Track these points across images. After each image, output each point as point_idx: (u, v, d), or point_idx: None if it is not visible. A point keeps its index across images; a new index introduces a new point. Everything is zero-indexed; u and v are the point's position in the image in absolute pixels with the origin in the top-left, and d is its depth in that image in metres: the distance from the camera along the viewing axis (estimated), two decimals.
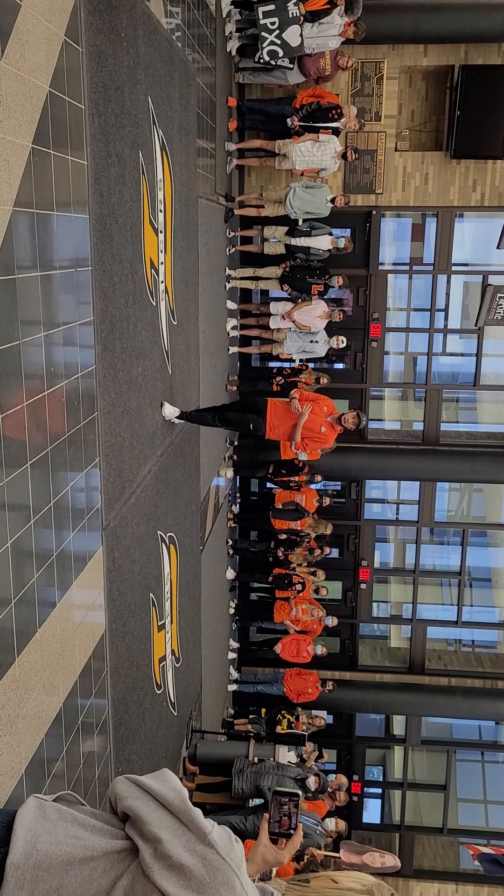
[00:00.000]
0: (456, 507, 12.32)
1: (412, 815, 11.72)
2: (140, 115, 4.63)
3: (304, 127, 8.44)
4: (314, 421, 6.44)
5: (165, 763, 6.01)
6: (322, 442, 6.56)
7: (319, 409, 6.47)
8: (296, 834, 1.46)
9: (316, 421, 6.45)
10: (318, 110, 8.42)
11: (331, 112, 8.42)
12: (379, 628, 12.36)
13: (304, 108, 8.44)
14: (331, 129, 8.44)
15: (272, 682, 9.79)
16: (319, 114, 8.43)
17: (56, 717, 3.51)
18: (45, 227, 3.20)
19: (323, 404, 6.50)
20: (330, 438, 6.55)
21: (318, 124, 8.43)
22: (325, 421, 6.46)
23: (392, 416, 11.70)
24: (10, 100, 2.82)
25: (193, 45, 6.48)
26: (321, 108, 8.43)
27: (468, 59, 9.49)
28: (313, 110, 8.42)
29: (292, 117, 8.42)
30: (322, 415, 6.47)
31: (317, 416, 6.45)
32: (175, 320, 5.86)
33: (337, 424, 6.47)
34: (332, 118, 8.42)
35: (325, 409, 6.49)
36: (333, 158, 8.57)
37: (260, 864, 1.66)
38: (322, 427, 6.46)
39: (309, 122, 8.45)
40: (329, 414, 6.48)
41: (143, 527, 5.09)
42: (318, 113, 8.43)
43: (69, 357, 3.57)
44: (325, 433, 6.47)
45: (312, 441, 6.52)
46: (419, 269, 10.67)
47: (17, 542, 3.00)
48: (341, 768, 11.21)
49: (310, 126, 8.44)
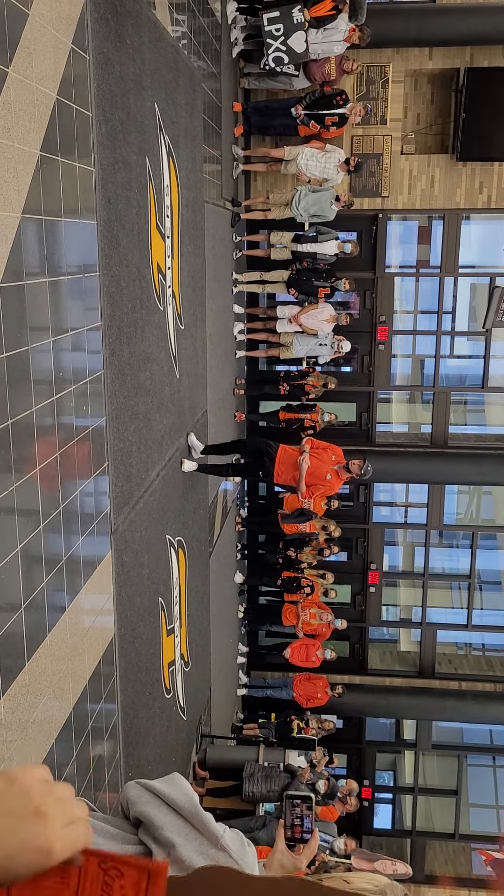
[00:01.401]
0: (465, 510, 12.27)
1: (423, 821, 11.67)
2: (146, 121, 4.65)
3: (308, 115, 8.43)
4: (320, 468, 6.69)
5: (175, 768, 6.00)
6: (327, 489, 6.82)
7: (328, 457, 6.75)
8: (312, 838, 1.45)
9: (322, 468, 6.69)
10: (323, 97, 8.43)
11: (335, 98, 8.42)
12: (388, 632, 12.33)
13: (308, 97, 8.45)
14: (337, 116, 8.44)
15: (281, 686, 9.77)
16: (324, 101, 8.43)
17: (66, 722, 3.52)
18: (53, 234, 3.22)
19: (331, 453, 6.79)
20: (335, 486, 6.83)
21: (323, 112, 8.43)
22: (331, 469, 6.71)
23: (400, 419, 11.68)
24: (19, 108, 2.84)
25: (199, 52, 6.50)
26: (325, 95, 8.44)
27: (473, 61, 9.49)
28: (318, 98, 8.43)
29: (296, 106, 8.42)
30: (329, 462, 6.73)
31: (323, 464, 6.71)
32: (182, 324, 5.88)
33: (343, 472, 6.73)
34: (337, 104, 8.42)
35: (334, 457, 6.77)
36: (336, 168, 8.59)
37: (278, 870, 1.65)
38: (328, 474, 6.71)
39: (314, 111, 8.45)
40: (337, 462, 6.75)
41: (152, 531, 5.10)
42: (323, 100, 8.43)
43: (77, 362, 3.58)
44: (331, 480, 6.73)
45: (317, 487, 6.76)
46: (426, 272, 10.66)
47: (26, 546, 3.01)
48: (351, 773, 11.17)
49: (315, 114, 8.43)
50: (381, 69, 9.61)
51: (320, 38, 8.05)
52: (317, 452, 6.79)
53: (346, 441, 10.43)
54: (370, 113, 8.81)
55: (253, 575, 9.93)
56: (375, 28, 8.33)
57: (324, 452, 6.77)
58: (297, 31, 7.83)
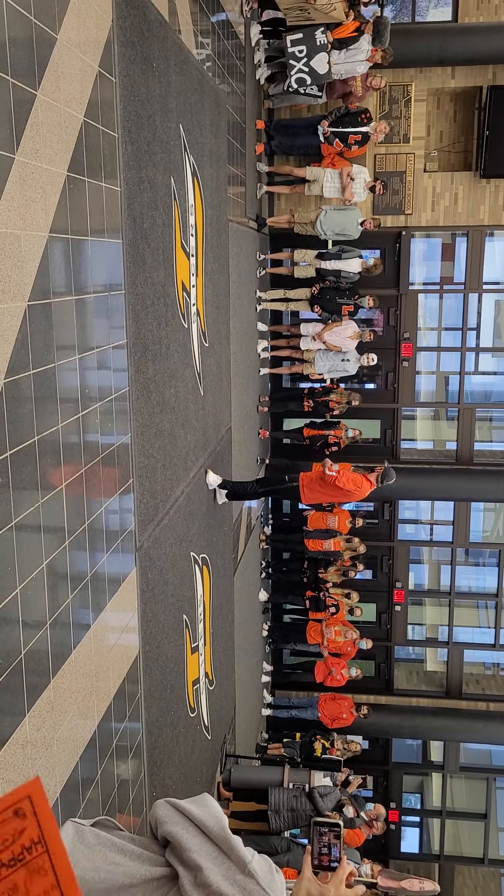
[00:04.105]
0: (491, 528, 12.13)
1: (452, 845, 11.45)
2: (172, 142, 4.70)
3: (334, 133, 8.49)
4: (347, 476, 6.80)
5: (200, 788, 5.95)
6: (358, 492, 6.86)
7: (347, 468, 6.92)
8: (340, 866, 1.41)
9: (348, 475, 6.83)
10: (347, 115, 8.48)
11: (360, 116, 8.47)
12: (414, 651, 12.17)
13: (333, 113, 8.50)
14: (360, 135, 8.48)
15: (306, 706, 9.68)
16: (349, 118, 8.48)
17: (90, 740, 3.50)
18: (79, 253, 3.26)
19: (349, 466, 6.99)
20: (364, 488, 6.85)
21: (347, 129, 8.48)
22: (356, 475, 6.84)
23: (425, 436, 11.61)
24: (47, 130, 2.89)
25: (223, 74, 6.58)
26: (350, 112, 8.49)
27: (496, 79, 9.50)
28: (342, 115, 8.48)
29: (322, 122, 8.48)
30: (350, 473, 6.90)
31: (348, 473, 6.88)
32: (207, 342, 5.90)
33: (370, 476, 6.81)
34: (361, 122, 8.47)
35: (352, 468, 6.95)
36: (364, 188, 8.63)
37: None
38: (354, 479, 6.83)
39: (338, 128, 8.50)
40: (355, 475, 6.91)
41: (176, 548, 5.09)
42: (347, 118, 8.48)
43: (103, 380, 3.61)
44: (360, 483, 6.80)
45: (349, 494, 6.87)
46: (450, 289, 10.63)
47: (51, 563, 3.02)
48: (377, 795, 11.01)
49: (340, 132, 8.49)
50: (404, 88, 9.65)
51: (343, 58, 8.11)
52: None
53: (371, 458, 10.40)
54: (392, 129, 8.86)
55: (277, 593, 9.88)
56: (398, 48, 8.38)
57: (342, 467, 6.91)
58: (320, 52, 7.89)
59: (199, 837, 1.25)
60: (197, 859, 1.21)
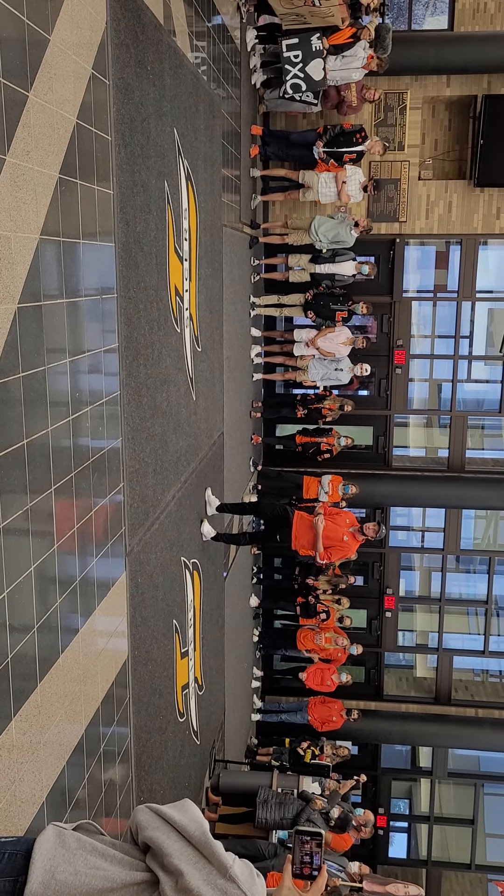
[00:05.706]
0: (482, 535, 12.16)
1: (439, 851, 11.44)
2: (165, 145, 4.71)
3: (329, 153, 8.51)
4: (336, 531, 6.93)
5: (188, 793, 5.93)
6: (344, 550, 7.02)
7: (342, 520, 7.02)
8: (320, 875, 1.42)
9: (338, 531, 6.93)
10: (343, 134, 8.50)
11: (355, 136, 8.49)
12: (404, 657, 12.18)
13: (328, 133, 8.52)
14: (355, 153, 8.51)
15: (296, 710, 9.66)
16: (344, 138, 8.50)
17: (78, 744, 3.49)
18: (71, 256, 3.25)
19: (345, 517, 7.06)
20: (352, 547, 7.05)
21: (342, 149, 8.50)
22: (347, 531, 6.95)
23: (417, 443, 11.63)
24: (38, 131, 2.88)
25: (218, 78, 6.60)
26: (345, 131, 8.51)
27: (491, 88, 9.56)
28: (337, 134, 8.50)
29: (317, 142, 8.49)
30: (344, 525, 6.98)
31: (339, 527, 6.96)
32: (199, 347, 5.90)
33: (359, 535, 6.98)
34: (356, 142, 8.49)
35: (347, 521, 7.03)
36: (359, 188, 8.65)
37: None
38: (344, 536, 6.94)
39: (333, 148, 8.52)
40: (351, 525, 7.00)
41: (167, 553, 5.08)
42: (343, 137, 8.50)
43: (94, 384, 3.60)
44: (347, 542, 6.98)
45: (335, 549, 6.97)
46: (443, 297, 10.67)
47: (39, 567, 3.01)
48: (366, 801, 10.99)
49: (335, 152, 8.51)
50: (399, 96, 9.70)
51: (339, 65, 8.14)
52: (331, 517, 7.03)
53: (363, 465, 10.41)
54: (387, 149, 8.89)
55: (268, 598, 9.86)
56: (394, 56, 8.41)
57: (338, 517, 7.03)
58: (316, 58, 7.91)
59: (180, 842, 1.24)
60: (178, 864, 1.20)
